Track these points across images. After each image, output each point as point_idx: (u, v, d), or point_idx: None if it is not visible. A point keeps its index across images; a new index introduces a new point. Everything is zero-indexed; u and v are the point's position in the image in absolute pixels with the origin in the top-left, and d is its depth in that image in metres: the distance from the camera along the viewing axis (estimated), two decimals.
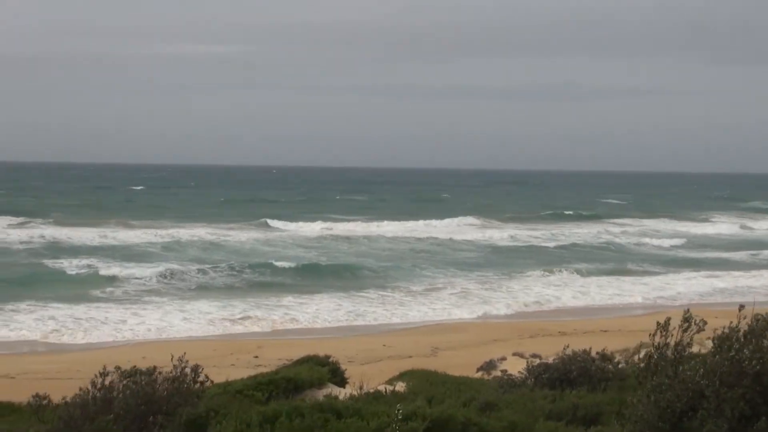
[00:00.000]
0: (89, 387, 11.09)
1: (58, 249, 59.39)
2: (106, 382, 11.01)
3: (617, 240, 75.95)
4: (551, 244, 70.40)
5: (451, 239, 71.31)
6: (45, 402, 12.85)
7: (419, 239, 71.30)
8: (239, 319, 36.87)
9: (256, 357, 28.95)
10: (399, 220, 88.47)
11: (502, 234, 77.90)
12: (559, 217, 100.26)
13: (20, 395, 15.71)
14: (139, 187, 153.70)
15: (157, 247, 62.16)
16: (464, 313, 39.91)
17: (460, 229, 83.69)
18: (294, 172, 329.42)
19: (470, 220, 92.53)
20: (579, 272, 52.93)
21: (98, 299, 40.28)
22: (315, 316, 38.22)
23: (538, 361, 19.17)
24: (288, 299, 41.26)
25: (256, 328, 35.18)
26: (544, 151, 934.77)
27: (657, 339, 9.02)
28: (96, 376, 11.08)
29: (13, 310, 36.44)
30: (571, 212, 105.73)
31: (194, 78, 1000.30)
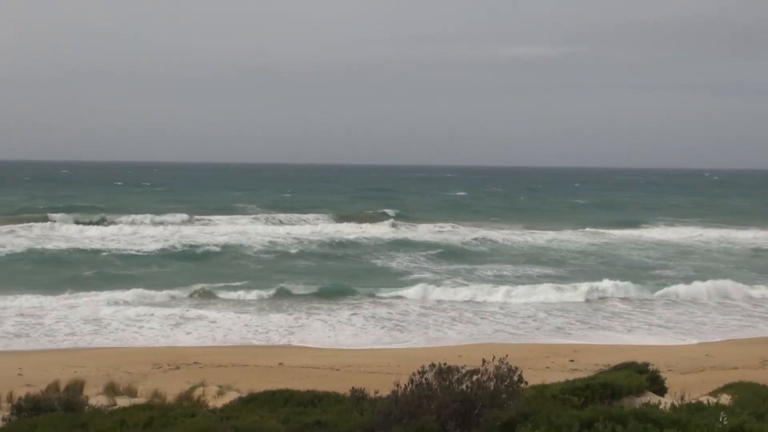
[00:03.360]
0: (407, 383, 11.32)
1: (402, 247, 62.39)
2: (424, 379, 11.17)
3: None
4: None
5: None
6: (361, 395, 13.31)
7: None
8: (565, 326, 36.66)
9: (572, 361, 28.53)
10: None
11: None
12: None
13: (344, 387, 16.44)
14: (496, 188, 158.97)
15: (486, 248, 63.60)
16: None
17: None
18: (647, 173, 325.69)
19: None
20: None
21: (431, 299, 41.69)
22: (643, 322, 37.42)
23: None
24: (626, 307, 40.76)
25: (570, 339, 34.49)
26: None
27: None
28: (414, 373, 11.28)
29: (347, 306, 39.18)
30: None
31: (521, 79, 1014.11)
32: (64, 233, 67.26)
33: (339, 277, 48.29)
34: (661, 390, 16.24)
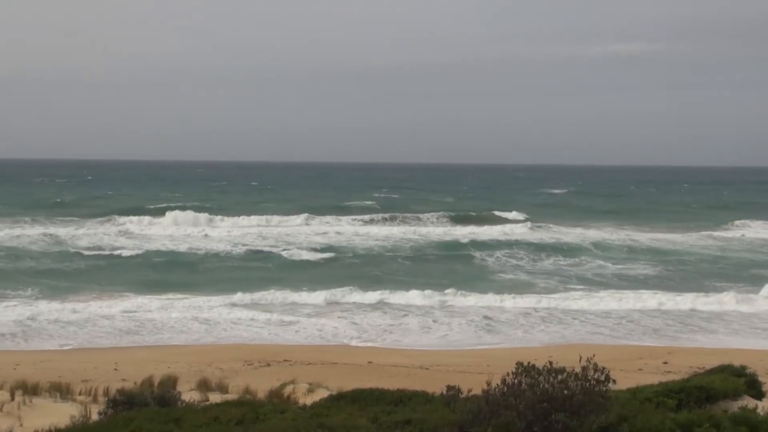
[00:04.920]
0: (499, 382, 11.22)
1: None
2: (516, 380, 11.06)
3: None
4: None
5: None
6: (455, 393, 13.25)
7: None
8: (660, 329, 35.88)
9: (665, 363, 27.99)
10: None
11: None
12: None
13: (433, 386, 16.40)
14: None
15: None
16: None
17: None
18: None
19: None
20: None
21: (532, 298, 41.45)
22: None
23: None
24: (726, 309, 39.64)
25: (664, 341, 33.74)
26: None
27: None
28: (508, 373, 11.17)
29: (440, 306, 39.47)
30: None
31: (604, 78, 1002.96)
32: (176, 233, 68.51)
33: (439, 276, 48.41)
34: (758, 394, 15.79)
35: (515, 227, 74.64)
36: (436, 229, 74.09)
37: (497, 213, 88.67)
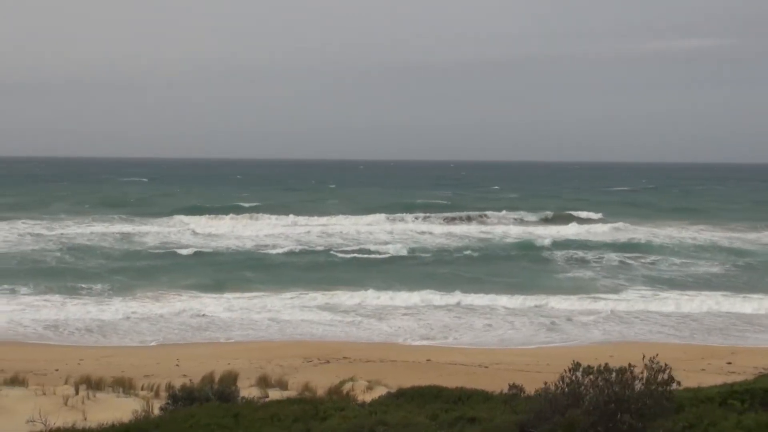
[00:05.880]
0: (558, 381, 11.11)
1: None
2: (576, 378, 10.93)
3: None
4: None
5: None
6: (517, 392, 13.16)
7: None
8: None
9: (729, 363, 27.48)
10: None
11: None
12: None
13: (492, 384, 16.32)
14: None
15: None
16: None
17: None
18: None
19: None
20: None
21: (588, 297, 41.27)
22: None
23: None
24: None
25: (728, 341, 33.03)
26: None
27: None
28: (564, 371, 11.07)
29: (500, 306, 39.22)
30: None
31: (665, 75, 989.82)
32: (243, 232, 68.64)
33: (507, 275, 48.34)
34: None
35: (591, 227, 73.18)
36: (508, 228, 73.12)
37: (570, 212, 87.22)
